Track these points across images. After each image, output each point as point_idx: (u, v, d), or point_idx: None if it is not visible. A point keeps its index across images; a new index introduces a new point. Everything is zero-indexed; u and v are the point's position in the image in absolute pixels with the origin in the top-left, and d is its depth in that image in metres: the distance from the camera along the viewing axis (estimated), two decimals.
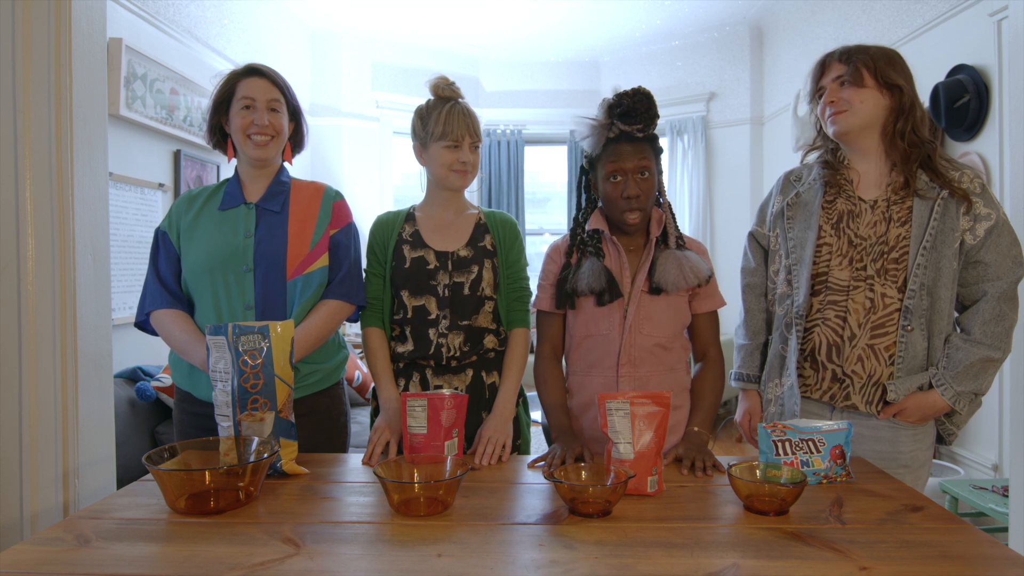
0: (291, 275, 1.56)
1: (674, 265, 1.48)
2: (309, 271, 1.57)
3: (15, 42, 1.46)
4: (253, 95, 1.56)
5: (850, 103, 1.46)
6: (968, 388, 1.41)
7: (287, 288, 1.56)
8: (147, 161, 3.06)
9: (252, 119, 1.56)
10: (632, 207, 1.47)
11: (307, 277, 1.57)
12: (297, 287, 1.56)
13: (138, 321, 1.60)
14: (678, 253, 1.50)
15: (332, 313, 1.58)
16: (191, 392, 1.59)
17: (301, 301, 1.56)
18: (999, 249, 1.42)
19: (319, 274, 1.58)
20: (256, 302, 1.55)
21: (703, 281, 1.50)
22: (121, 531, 1.06)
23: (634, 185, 1.46)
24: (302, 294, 1.56)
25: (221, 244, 1.55)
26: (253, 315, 1.54)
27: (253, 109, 1.56)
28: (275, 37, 4.47)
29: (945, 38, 3.10)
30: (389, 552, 0.98)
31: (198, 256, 1.55)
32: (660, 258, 1.50)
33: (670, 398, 1.25)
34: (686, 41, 5.33)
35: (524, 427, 1.65)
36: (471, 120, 1.56)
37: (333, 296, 1.59)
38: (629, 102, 1.45)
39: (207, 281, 1.54)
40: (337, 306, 1.59)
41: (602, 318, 1.52)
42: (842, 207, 1.51)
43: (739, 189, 5.16)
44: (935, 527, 1.07)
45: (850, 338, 1.46)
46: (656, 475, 1.23)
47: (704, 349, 1.59)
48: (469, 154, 1.56)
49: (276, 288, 1.56)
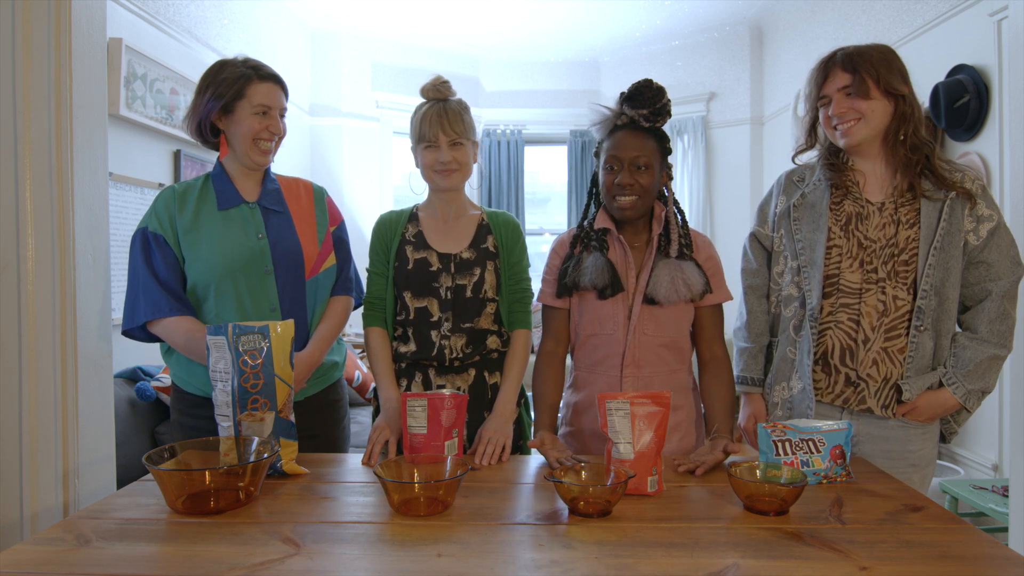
0: (309, 275, 1.59)
1: (667, 278, 1.47)
2: (324, 270, 1.62)
3: (15, 42, 1.46)
4: (270, 103, 1.54)
5: (861, 113, 1.45)
6: (977, 386, 1.44)
7: (306, 288, 1.59)
8: (147, 161, 3.05)
9: (267, 126, 1.54)
10: (623, 193, 1.47)
11: (324, 275, 1.62)
12: (317, 286, 1.61)
13: (128, 328, 1.51)
14: (675, 264, 1.48)
15: (346, 309, 1.65)
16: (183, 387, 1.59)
17: (320, 300, 1.61)
18: (1000, 249, 1.44)
19: (331, 272, 1.64)
20: (281, 303, 1.56)
21: (696, 296, 1.48)
22: (121, 531, 1.06)
23: (628, 174, 1.46)
24: (320, 293, 1.61)
25: (235, 246, 1.53)
26: (279, 316, 1.55)
27: (268, 116, 1.55)
28: (275, 37, 4.46)
29: (945, 38, 3.10)
30: (389, 552, 0.98)
31: (212, 259, 1.51)
32: (656, 268, 1.49)
33: (670, 398, 1.25)
34: (686, 41, 5.33)
35: (525, 427, 1.65)
36: (448, 118, 1.52)
37: (342, 292, 1.65)
38: (637, 86, 1.47)
39: (229, 285, 1.52)
40: (347, 302, 1.66)
41: (607, 318, 1.52)
42: (850, 209, 1.50)
43: (739, 189, 5.15)
44: (935, 527, 1.07)
45: (864, 341, 1.46)
46: (656, 475, 1.23)
47: (708, 347, 1.56)
48: (448, 152, 1.53)
49: (297, 289, 1.58)
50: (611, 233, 1.54)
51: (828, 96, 1.49)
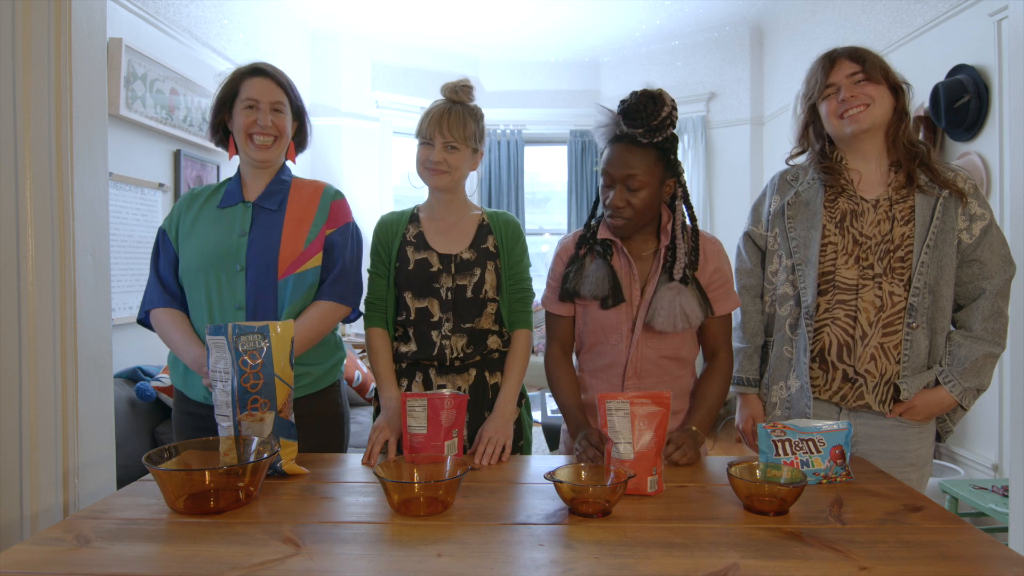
0: (282, 274, 1.55)
1: (666, 307, 1.42)
2: (301, 270, 1.56)
3: (15, 42, 1.46)
4: (256, 96, 1.56)
5: (871, 98, 1.45)
6: (973, 384, 1.44)
7: (278, 287, 1.54)
8: (147, 161, 3.06)
9: (255, 119, 1.55)
10: (614, 215, 1.44)
11: (299, 276, 1.55)
12: (288, 286, 1.55)
13: (140, 318, 1.62)
14: (676, 290, 1.43)
15: (323, 314, 1.56)
16: (184, 392, 1.59)
17: (292, 301, 1.55)
18: (993, 248, 1.45)
19: (311, 274, 1.57)
20: (247, 302, 1.54)
21: (693, 325, 1.45)
22: (121, 531, 1.06)
23: (619, 195, 1.42)
24: (293, 294, 1.55)
25: (215, 243, 1.55)
26: (243, 315, 1.53)
27: (256, 110, 1.56)
28: (275, 37, 4.47)
29: (945, 38, 3.10)
30: (389, 552, 0.98)
31: (193, 255, 1.56)
32: (657, 293, 1.45)
33: (670, 398, 1.24)
34: (686, 41, 5.33)
35: (526, 428, 1.65)
36: (449, 120, 1.52)
37: (325, 297, 1.57)
38: (632, 100, 1.39)
39: (201, 281, 1.54)
40: (329, 307, 1.57)
41: (611, 329, 1.50)
42: (844, 206, 1.51)
43: (739, 189, 5.16)
44: (935, 527, 1.07)
45: (862, 337, 1.46)
46: (656, 475, 1.23)
47: (714, 350, 1.55)
48: (441, 153, 1.53)
49: (267, 288, 1.54)
50: (616, 245, 1.50)
51: (836, 84, 1.48)
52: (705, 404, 1.49)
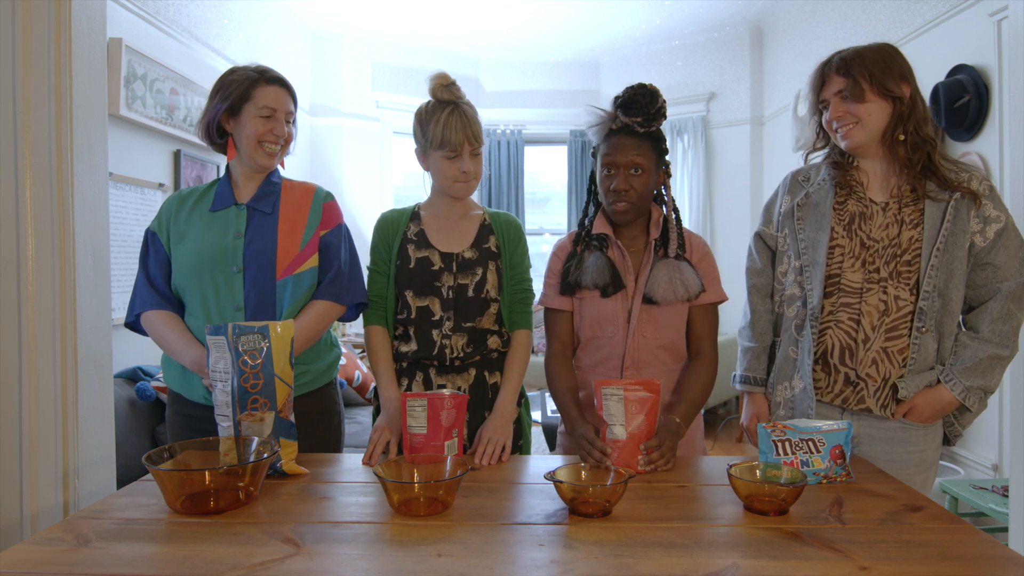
0: (280, 276, 1.56)
1: (665, 278, 1.49)
2: (299, 272, 1.57)
3: (15, 42, 1.46)
4: (275, 106, 1.56)
5: (858, 117, 1.45)
6: (977, 384, 1.42)
7: (276, 289, 1.56)
8: (147, 161, 3.05)
9: (271, 128, 1.55)
10: (619, 199, 1.50)
11: (297, 278, 1.57)
12: (287, 288, 1.56)
13: (128, 321, 1.60)
14: (672, 264, 1.51)
15: (321, 313, 1.58)
16: (183, 394, 1.59)
17: (292, 302, 1.56)
18: (1008, 251, 1.43)
19: (309, 275, 1.59)
20: (246, 303, 1.54)
21: (693, 296, 1.51)
22: (121, 531, 1.06)
23: (623, 180, 1.48)
24: (292, 295, 1.56)
25: (210, 245, 1.55)
26: (243, 316, 1.54)
27: (273, 119, 1.56)
28: (275, 37, 4.47)
29: (945, 38, 3.10)
30: (389, 552, 0.98)
31: (187, 257, 1.55)
32: (655, 269, 1.52)
33: (660, 385, 1.33)
34: (686, 41, 5.33)
35: (526, 428, 1.65)
36: (470, 126, 1.53)
37: (323, 296, 1.58)
38: (631, 93, 1.48)
39: (196, 282, 1.54)
40: (326, 306, 1.58)
41: (607, 321, 1.54)
42: (853, 208, 1.51)
43: (739, 189, 5.16)
44: (935, 527, 1.07)
45: (864, 340, 1.46)
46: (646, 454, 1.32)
47: (698, 345, 1.57)
48: (469, 162, 1.54)
49: (266, 289, 1.55)
50: (609, 238, 1.56)
51: (826, 100, 1.50)
52: (688, 397, 1.51)
